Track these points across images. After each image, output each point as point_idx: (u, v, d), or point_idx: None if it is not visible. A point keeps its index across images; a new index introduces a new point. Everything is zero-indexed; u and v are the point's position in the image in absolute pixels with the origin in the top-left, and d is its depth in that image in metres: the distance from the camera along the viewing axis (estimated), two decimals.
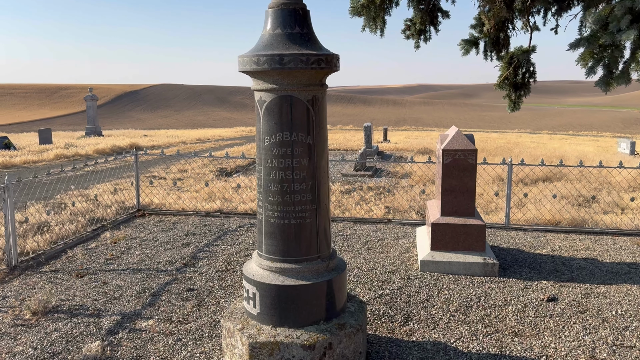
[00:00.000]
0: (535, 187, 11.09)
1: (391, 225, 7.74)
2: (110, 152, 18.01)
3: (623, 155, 19.47)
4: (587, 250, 6.58)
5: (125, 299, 5.00)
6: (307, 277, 3.54)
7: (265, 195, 3.56)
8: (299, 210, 3.52)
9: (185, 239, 6.93)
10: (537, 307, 4.76)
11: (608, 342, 4.13)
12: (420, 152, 16.41)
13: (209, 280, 5.43)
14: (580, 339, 4.18)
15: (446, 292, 5.12)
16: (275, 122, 3.46)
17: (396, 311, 4.67)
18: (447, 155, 5.70)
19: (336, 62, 3.51)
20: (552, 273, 5.69)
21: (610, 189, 11.13)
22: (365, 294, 4.99)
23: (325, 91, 3.59)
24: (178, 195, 9.63)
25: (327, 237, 3.69)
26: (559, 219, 8.08)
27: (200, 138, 25.96)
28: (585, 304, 4.81)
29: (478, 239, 5.72)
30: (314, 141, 3.51)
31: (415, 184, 11.29)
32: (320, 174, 3.58)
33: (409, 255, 6.26)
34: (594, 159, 16.03)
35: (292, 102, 3.43)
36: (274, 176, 3.51)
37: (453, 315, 4.61)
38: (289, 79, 3.39)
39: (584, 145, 26.36)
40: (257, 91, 3.53)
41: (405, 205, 9.06)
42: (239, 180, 11.51)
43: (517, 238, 7.14)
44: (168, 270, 5.77)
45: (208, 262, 6.02)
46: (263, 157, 3.54)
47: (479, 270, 5.58)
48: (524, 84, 6.21)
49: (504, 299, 4.94)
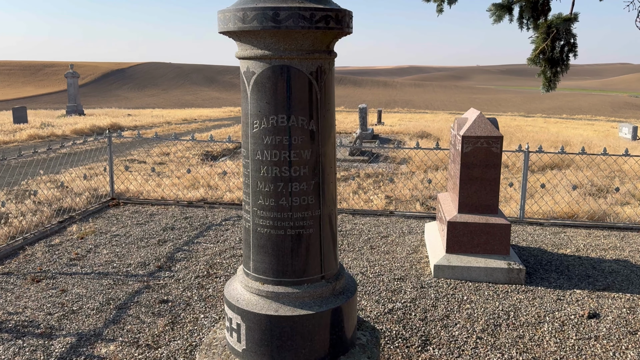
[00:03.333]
0: (544, 175, 10.35)
1: (394, 218, 6.94)
2: (89, 132, 16.96)
3: (625, 140, 18.81)
4: (615, 249, 5.84)
5: (85, 313, 4.16)
6: (308, 304, 2.72)
7: (254, 197, 2.72)
8: (299, 217, 2.68)
9: (162, 235, 6.07)
10: (578, 326, 4.00)
11: None
12: (417, 136, 15.59)
13: (186, 289, 4.60)
14: None
15: (468, 305, 4.34)
16: (267, 102, 2.60)
17: (411, 332, 3.88)
18: (467, 143, 4.87)
19: (349, 21, 2.65)
20: (583, 279, 4.94)
21: (623, 176, 10.43)
22: (373, 309, 4.19)
23: (333, 61, 2.73)
24: (158, 182, 8.74)
25: (334, 251, 2.87)
26: (576, 211, 7.34)
27: (186, 118, 24.89)
28: (633, 322, 4.06)
29: (502, 241, 4.93)
30: (318, 127, 2.66)
31: (416, 170, 10.48)
32: (325, 170, 2.73)
33: (418, 256, 5.47)
34: (599, 144, 15.32)
35: (290, 74, 2.56)
36: (265, 173, 2.65)
37: (480, 338, 3.83)
38: (286, 42, 2.52)
39: (582, 130, 25.73)
40: (243, 60, 2.66)
41: (407, 195, 8.25)
42: (226, 165, 10.62)
43: (535, 235, 6.38)
44: (139, 275, 4.92)
45: (187, 264, 5.18)
46: (251, 147, 2.68)
47: (503, 277, 4.80)
48: (561, 58, 5.36)
49: (537, 315, 4.17)
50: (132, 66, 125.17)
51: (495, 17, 5.34)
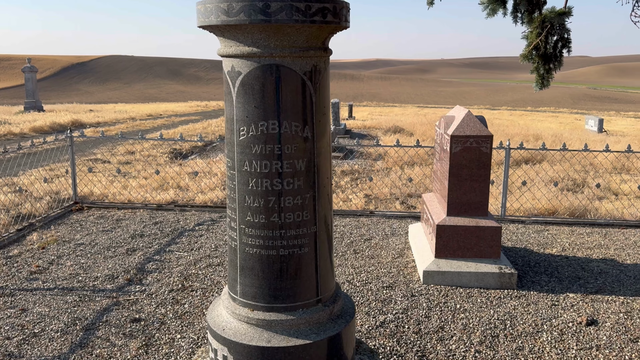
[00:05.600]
0: (516, 171, 10.31)
1: (375, 219, 6.70)
2: (49, 130, 16.19)
3: (592, 132, 19.13)
4: (600, 248, 5.75)
5: (48, 337, 3.76)
6: (304, 332, 2.43)
7: (242, 213, 2.40)
8: (292, 235, 2.38)
9: (130, 243, 5.66)
10: (577, 334, 3.83)
11: None
12: (390, 131, 15.42)
13: (160, 305, 4.24)
14: None
15: (462, 314, 4.12)
16: (255, 106, 2.28)
17: (406, 347, 3.64)
18: (456, 143, 4.65)
19: (346, 14, 2.35)
20: (574, 281, 4.80)
21: (595, 171, 10.48)
22: (364, 323, 3.93)
23: (329, 59, 2.43)
24: (124, 184, 8.27)
25: (331, 271, 2.59)
26: (557, 207, 7.26)
27: (152, 114, 24.12)
28: (632, 328, 3.92)
29: (492, 244, 4.74)
30: (313, 133, 2.36)
31: (392, 166, 10.28)
32: (321, 182, 2.44)
33: (404, 260, 5.24)
34: (569, 137, 15.48)
35: (282, 74, 2.25)
36: (254, 186, 2.34)
37: (478, 351, 3.61)
38: (277, 38, 2.20)
39: (548, 122, 26.12)
40: (227, 58, 2.34)
41: (386, 193, 8.04)
42: (196, 164, 10.19)
43: (518, 233, 6.25)
44: (107, 289, 4.53)
45: (159, 276, 4.81)
46: (238, 157, 2.36)
47: (494, 282, 4.61)
48: (555, 54, 5.17)
49: (534, 323, 3.99)
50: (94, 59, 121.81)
51: (489, 11, 5.11)
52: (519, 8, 5.04)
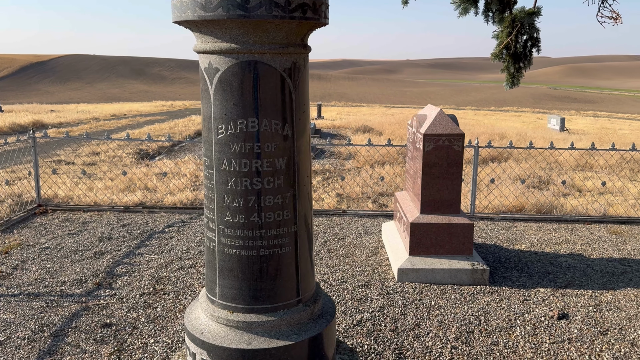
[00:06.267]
0: (487, 168, 10.51)
1: (347, 218, 6.71)
2: (8, 131, 15.64)
3: (554, 131, 19.65)
4: (567, 243, 5.90)
5: (14, 344, 3.61)
6: (285, 333, 2.39)
7: (220, 213, 2.35)
8: (273, 235, 2.34)
9: (98, 246, 5.50)
10: (550, 329, 3.91)
11: None
12: (360, 130, 15.49)
13: (131, 310, 4.12)
14: None
15: (437, 311, 4.15)
16: (234, 103, 2.23)
17: (384, 345, 3.64)
18: (429, 141, 4.68)
19: (325, 10, 2.32)
20: (544, 276, 4.90)
21: (560, 168, 10.78)
22: (341, 322, 3.91)
23: (308, 56, 2.40)
24: (89, 186, 8.05)
25: (312, 270, 2.56)
26: (524, 204, 7.42)
27: (116, 114, 23.60)
28: (601, 321, 4.02)
29: (465, 241, 4.80)
30: (293, 131, 2.32)
31: (363, 165, 10.32)
32: (302, 180, 2.41)
33: (378, 259, 5.25)
34: (533, 135, 15.87)
35: (261, 71, 2.21)
36: (233, 185, 2.29)
37: (455, 347, 3.64)
38: (256, 34, 2.16)
39: (511, 122, 26.75)
40: (204, 54, 2.28)
41: (358, 192, 8.05)
42: (164, 165, 10.00)
43: (488, 230, 6.35)
44: (76, 294, 4.38)
45: (129, 280, 4.68)
46: (216, 156, 2.31)
47: (467, 279, 4.67)
48: (524, 54, 5.27)
49: (508, 319, 4.05)
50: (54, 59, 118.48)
51: (461, 10, 5.17)
52: (490, 7, 5.13)
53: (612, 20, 4.71)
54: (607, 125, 26.59)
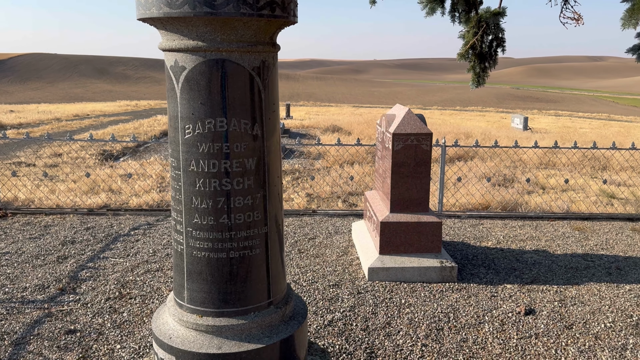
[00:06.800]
0: (454, 166, 10.67)
1: (317, 218, 6.69)
2: None
3: (517, 130, 20.10)
4: (532, 240, 6.03)
5: None
6: (256, 336, 2.36)
7: (188, 215, 2.29)
8: (243, 237, 2.30)
9: (61, 250, 5.33)
10: (517, 324, 3.98)
11: None
12: (329, 130, 15.50)
13: (96, 315, 4.01)
14: None
15: (407, 309, 4.18)
16: (202, 102, 2.18)
17: (355, 344, 3.63)
18: (397, 141, 4.71)
19: (294, 8, 2.30)
20: (510, 273, 4.99)
21: (524, 166, 11.03)
22: (312, 323, 3.89)
23: (277, 55, 2.37)
24: (51, 188, 7.80)
25: (283, 271, 2.52)
26: (489, 201, 7.56)
27: (78, 114, 23.00)
28: (567, 316, 4.12)
29: (434, 239, 4.84)
30: (263, 131, 2.29)
31: (332, 165, 10.33)
32: (272, 180, 2.37)
33: (349, 258, 5.26)
34: (497, 134, 16.20)
35: (230, 70, 2.17)
36: (202, 187, 2.24)
37: (425, 345, 3.67)
38: (224, 32, 2.12)
39: (476, 121, 27.26)
40: (169, 52, 2.22)
41: (328, 191, 8.05)
42: (129, 166, 9.79)
43: (455, 228, 6.44)
44: (38, 300, 4.23)
45: (94, 284, 4.55)
46: (183, 157, 2.25)
47: (436, 276, 4.72)
48: (490, 53, 5.35)
49: (476, 315, 4.11)
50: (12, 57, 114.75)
51: (428, 10, 5.21)
52: (457, 8, 5.19)
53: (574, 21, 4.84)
54: (569, 124, 27.37)
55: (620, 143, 15.18)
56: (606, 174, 10.38)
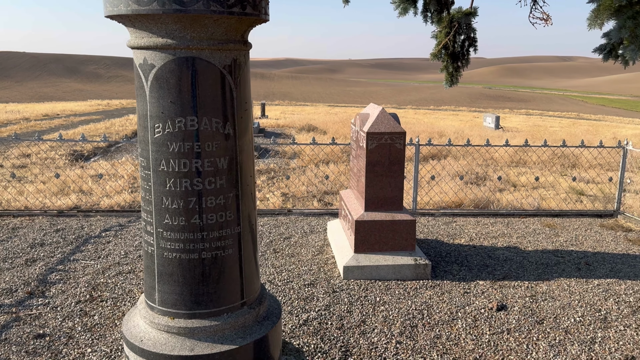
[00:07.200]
0: (428, 165, 10.77)
1: (293, 217, 6.68)
2: None
3: (489, 129, 20.41)
4: (504, 237, 6.13)
5: None
6: (230, 337, 2.33)
7: (159, 216, 2.26)
8: (215, 237, 2.28)
9: (30, 253, 5.20)
10: (489, 320, 4.04)
11: None
12: (304, 129, 15.49)
13: (66, 319, 3.92)
14: None
15: (382, 307, 4.20)
16: (172, 101, 2.15)
17: (330, 343, 3.64)
18: (371, 140, 4.73)
19: (265, 6, 2.28)
20: (483, 269, 5.06)
21: (496, 164, 11.20)
22: (287, 322, 3.88)
23: (248, 53, 2.35)
24: (19, 189, 7.61)
25: (256, 271, 2.51)
26: (462, 199, 7.66)
27: (48, 114, 22.47)
28: (538, 311, 4.19)
29: (408, 237, 4.88)
30: (235, 130, 2.27)
31: (307, 164, 10.32)
32: (245, 180, 2.36)
33: (324, 257, 5.26)
34: (470, 133, 16.41)
35: (200, 68, 2.14)
36: (172, 187, 2.21)
37: (399, 342, 3.69)
38: (194, 30, 2.09)
39: (449, 120, 27.58)
40: (138, 49, 2.18)
41: (303, 191, 8.04)
42: (100, 166, 9.61)
43: (429, 225, 6.51)
44: (5, 305, 4.12)
45: (64, 287, 4.45)
46: (153, 156, 2.22)
47: (410, 274, 4.75)
48: (462, 53, 5.41)
49: (450, 312, 4.15)
50: None
51: (401, 10, 5.25)
52: (429, 8, 5.24)
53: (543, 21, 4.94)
54: (539, 123, 27.92)
55: (589, 141, 15.55)
56: (575, 172, 10.62)
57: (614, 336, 3.82)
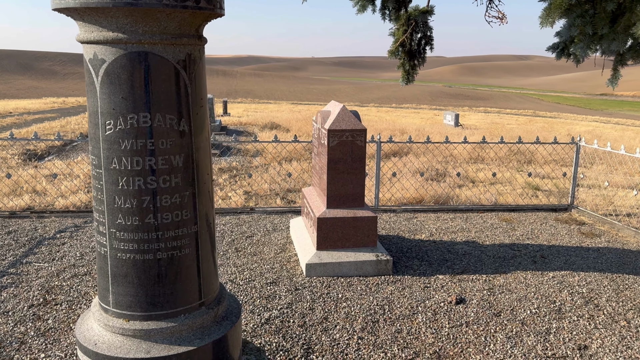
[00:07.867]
0: (389, 162, 10.87)
1: (255, 215, 6.63)
2: None
3: (449, 126, 20.78)
4: (463, 232, 6.24)
5: None
6: (187, 338, 2.29)
7: (112, 216, 2.19)
8: (171, 237, 2.22)
9: None
10: (449, 313, 4.11)
11: (539, 353, 3.60)
12: (267, 127, 15.40)
13: (18, 323, 3.77)
14: (509, 353, 3.59)
15: (344, 303, 4.21)
16: (123, 97, 2.09)
17: (292, 341, 3.62)
18: (333, 137, 4.73)
19: (221, 0, 2.24)
20: (442, 264, 5.15)
21: (455, 161, 11.40)
22: (249, 322, 3.84)
23: (204, 48, 2.30)
24: None
25: (215, 271, 2.47)
26: (423, 196, 7.77)
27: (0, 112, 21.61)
28: (495, 304, 4.29)
29: (369, 234, 4.91)
30: (190, 127, 2.22)
31: (270, 162, 10.27)
32: (201, 177, 2.31)
33: (287, 255, 5.24)
34: (430, 131, 16.66)
35: (153, 63, 2.09)
36: (125, 185, 2.15)
37: (361, 337, 3.71)
38: (146, 24, 2.03)
39: (411, 118, 27.93)
40: (88, 44, 2.11)
41: (266, 189, 7.99)
42: (54, 166, 9.30)
43: (391, 222, 6.57)
44: None
45: (16, 291, 4.28)
46: (105, 154, 2.15)
47: (372, 270, 4.78)
48: (419, 51, 5.46)
49: (410, 306, 4.20)
50: None
51: (359, 7, 5.26)
52: (387, 5, 5.27)
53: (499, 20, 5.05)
54: (497, 121, 28.62)
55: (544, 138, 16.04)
56: (531, 168, 10.93)
57: (568, 326, 3.95)
